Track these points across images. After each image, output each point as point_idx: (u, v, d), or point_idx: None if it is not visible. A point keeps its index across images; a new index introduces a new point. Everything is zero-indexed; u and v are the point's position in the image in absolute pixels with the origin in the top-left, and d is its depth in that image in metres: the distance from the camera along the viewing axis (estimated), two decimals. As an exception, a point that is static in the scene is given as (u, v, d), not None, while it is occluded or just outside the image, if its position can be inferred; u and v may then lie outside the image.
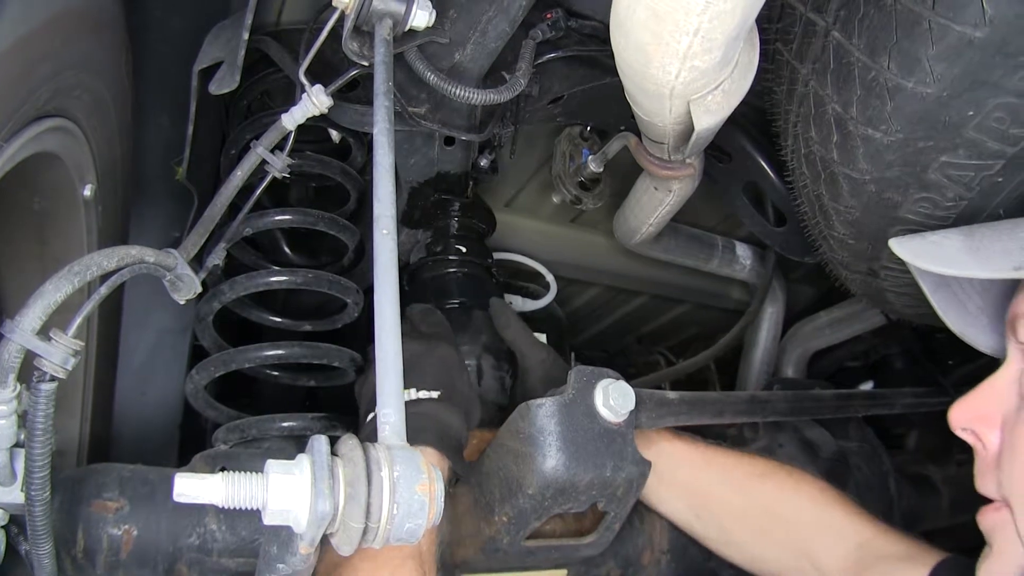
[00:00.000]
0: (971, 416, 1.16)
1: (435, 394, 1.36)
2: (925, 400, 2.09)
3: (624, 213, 2.08)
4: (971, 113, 1.10)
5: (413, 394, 1.36)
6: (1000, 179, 1.19)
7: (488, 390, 1.66)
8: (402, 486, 0.83)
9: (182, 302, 1.33)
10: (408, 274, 1.84)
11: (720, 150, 1.93)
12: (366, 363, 1.58)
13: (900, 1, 1.06)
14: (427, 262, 1.81)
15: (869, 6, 1.11)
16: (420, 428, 1.30)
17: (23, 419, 1.02)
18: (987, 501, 1.17)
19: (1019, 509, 1.10)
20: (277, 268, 1.64)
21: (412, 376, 1.34)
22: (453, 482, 1.44)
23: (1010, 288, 1.19)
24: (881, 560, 1.43)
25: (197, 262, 1.39)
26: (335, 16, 1.27)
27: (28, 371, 0.98)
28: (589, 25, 1.57)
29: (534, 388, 1.60)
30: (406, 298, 1.68)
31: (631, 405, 1.35)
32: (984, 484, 1.17)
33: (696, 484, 1.60)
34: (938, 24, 1.03)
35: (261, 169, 1.42)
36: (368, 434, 1.32)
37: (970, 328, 1.28)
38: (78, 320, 1.01)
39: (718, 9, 1.01)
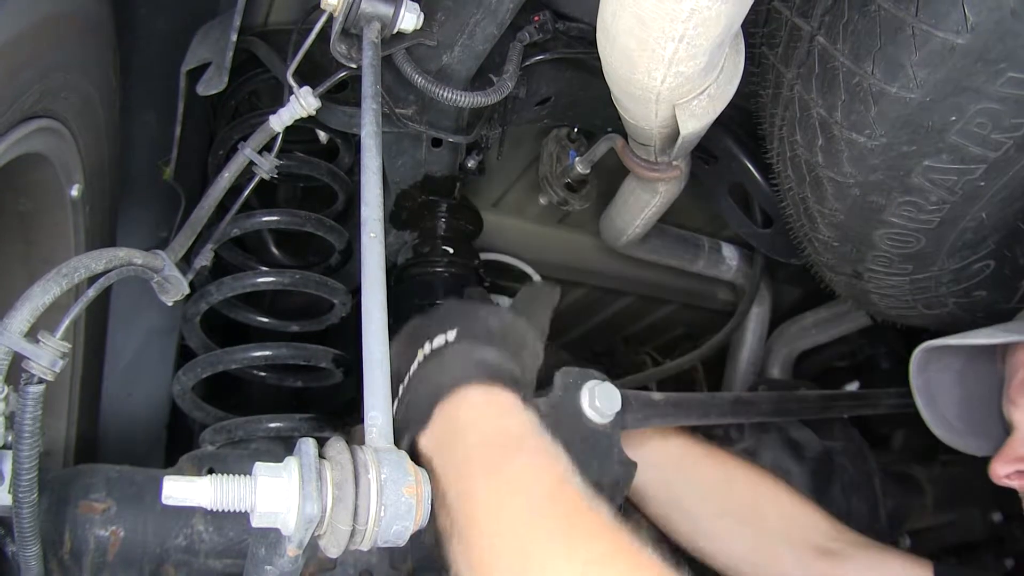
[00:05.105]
0: (1012, 460, 1.39)
1: (451, 335, 1.15)
2: (910, 400, 2.11)
3: (611, 214, 2.09)
4: (953, 118, 1.11)
5: (427, 348, 1.15)
6: (982, 183, 1.20)
7: None
8: (389, 488, 0.83)
9: (170, 303, 1.33)
10: (395, 275, 1.84)
11: (707, 152, 1.94)
12: None
13: (884, 7, 1.08)
14: (414, 263, 1.82)
15: (853, 12, 1.13)
16: (451, 370, 1.11)
17: (10, 421, 1.02)
18: None
19: None
20: (264, 269, 1.64)
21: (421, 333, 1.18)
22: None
23: (984, 397, 1.55)
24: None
25: (185, 263, 1.39)
26: (323, 18, 1.27)
27: (16, 373, 0.98)
28: (576, 27, 1.58)
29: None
30: (392, 298, 1.68)
31: (617, 406, 1.36)
32: None
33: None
34: (921, 30, 1.04)
35: (249, 170, 1.42)
36: None
37: (952, 435, 1.64)
38: (66, 322, 1.01)
39: (703, 16, 1.02)
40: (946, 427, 1.62)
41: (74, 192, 1.38)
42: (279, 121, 1.35)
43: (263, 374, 1.68)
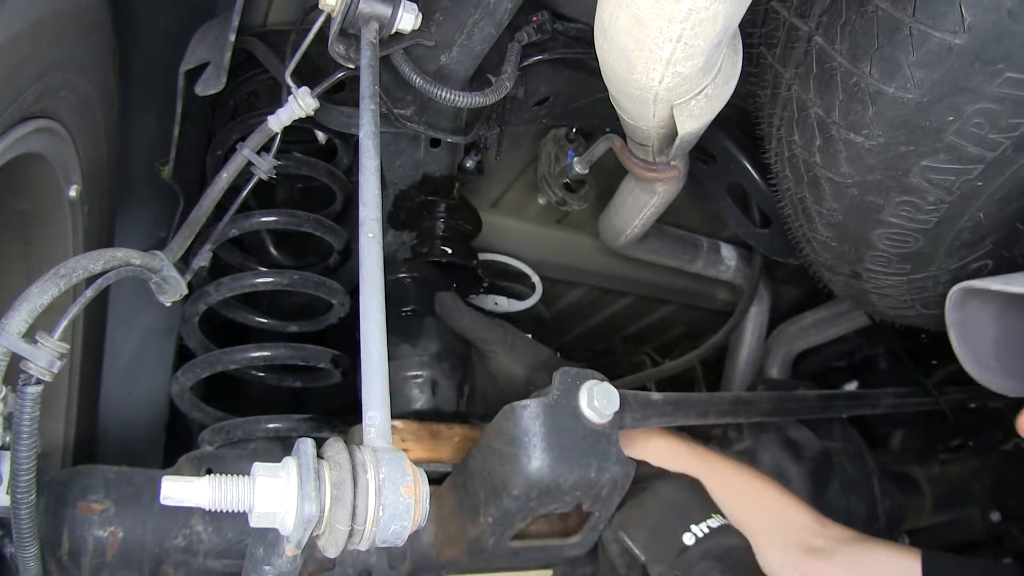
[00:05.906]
0: None
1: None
2: (909, 400, 2.11)
3: (609, 214, 2.09)
4: (951, 118, 1.11)
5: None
6: (980, 183, 1.20)
7: (444, 400, 1.67)
8: (387, 488, 0.83)
9: (168, 304, 1.33)
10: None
11: (705, 152, 1.94)
12: None
13: (881, 8, 1.08)
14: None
15: (851, 12, 1.13)
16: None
17: (8, 421, 1.02)
18: None
19: None
20: (263, 269, 1.64)
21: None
22: None
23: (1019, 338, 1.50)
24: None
25: (183, 263, 1.39)
26: (322, 18, 1.27)
27: (14, 373, 0.98)
28: (575, 28, 1.58)
29: (503, 366, 1.63)
30: (389, 299, 1.68)
31: (615, 406, 1.36)
32: None
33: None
34: (918, 31, 1.04)
35: (247, 170, 1.42)
36: None
37: (986, 374, 1.53)
38: (64, 323, 1.01)
39: (700, 16, 1.02)
40: (981, 365, 1.55)
41: (72, 192, 1.38)
42: (277, 121, 1.35)
43: (262, 374, 1.68)
